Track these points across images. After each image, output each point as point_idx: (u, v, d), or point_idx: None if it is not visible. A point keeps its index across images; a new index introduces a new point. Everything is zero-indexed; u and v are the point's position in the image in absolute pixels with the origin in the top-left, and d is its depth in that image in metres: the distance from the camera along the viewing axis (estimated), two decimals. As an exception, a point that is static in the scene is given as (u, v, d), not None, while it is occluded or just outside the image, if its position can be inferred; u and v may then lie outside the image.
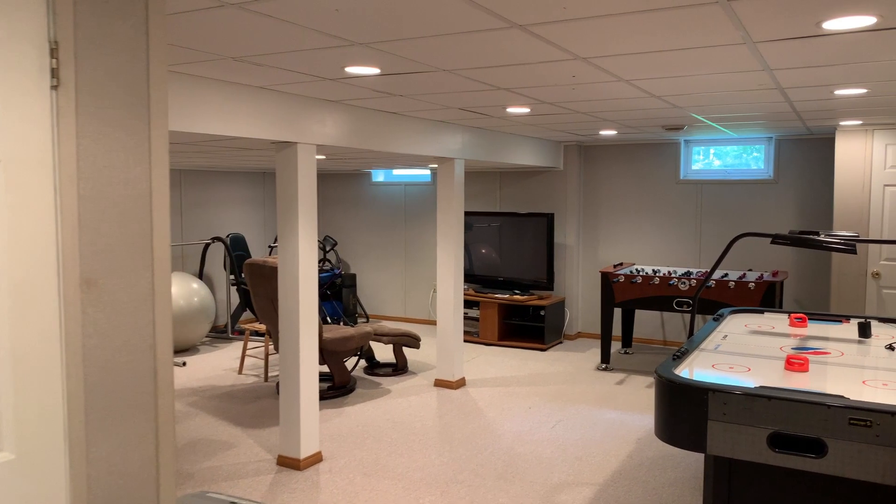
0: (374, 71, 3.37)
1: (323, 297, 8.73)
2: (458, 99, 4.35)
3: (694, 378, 3.10)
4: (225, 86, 3.69)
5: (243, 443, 4.80)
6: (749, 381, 3.14)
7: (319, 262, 8.87)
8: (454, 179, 5.98)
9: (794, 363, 3.32)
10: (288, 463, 4.40)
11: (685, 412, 2.98)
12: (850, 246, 3.35)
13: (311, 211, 4.32)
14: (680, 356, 3.44)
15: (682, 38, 2.68)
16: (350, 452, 4.62)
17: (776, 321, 4.62)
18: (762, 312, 4.90)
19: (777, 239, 3.47)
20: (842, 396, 2.80)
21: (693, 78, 3.58)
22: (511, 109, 4.87)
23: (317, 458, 4.47)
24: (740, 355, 3.66)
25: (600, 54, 2.98)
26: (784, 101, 4.49)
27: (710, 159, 7.50)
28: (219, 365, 6.90)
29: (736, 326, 4.43)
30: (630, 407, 5.57)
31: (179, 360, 6.99)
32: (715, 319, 4.51)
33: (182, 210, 8.15)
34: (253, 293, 5.77)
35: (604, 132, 6.61)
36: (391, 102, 4.49)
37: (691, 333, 4.08)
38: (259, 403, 5.67)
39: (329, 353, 5.69)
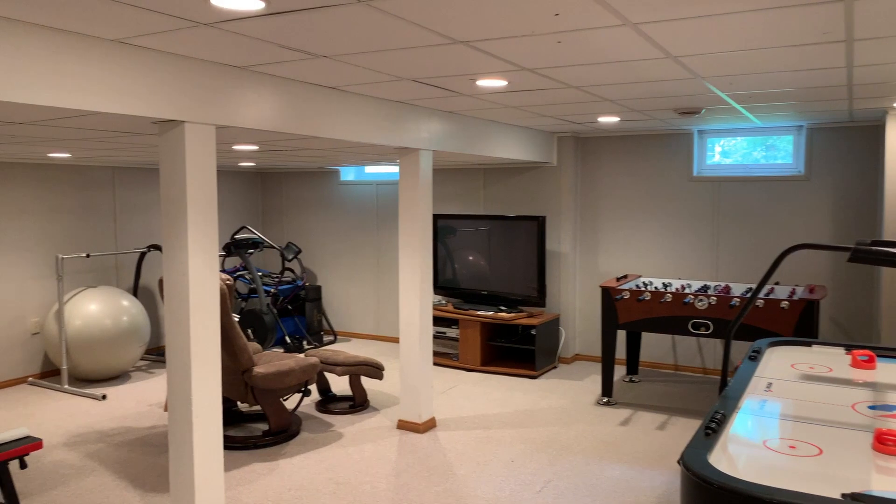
0: (257, 4, 2.27)
1: (283, 312, 7.62)
2: (405, 62, 3.24)
3: (741, 476, 1.98)
4: (58, 36, 2.58)
5: (134, 516, 3.69)
6: (824, 474, 2.01)
7: (280, 272, 7.75)
8: (419, 175, 4.87)
9: (890, 443, 2.20)
10: (180, 552, 3.29)
11: (732, 537, 1.85)
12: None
13: (208, 215, 3.20)
14: (715, 429, 2.32)
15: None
16: (270, 532, 3.51)
17: (831, 359, 3.49)
18: (809, 345, 3.77)
19: (858, 254, 2.34)
20: None
21: (731, 19, 2.48)
22: (483, 82, 3.77)
23: (221, 544, 3.36)
24: (800, 421, 2.53)
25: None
26: (843, 67, 3.38)
27: (732, 154, 6.39)
28: (146, 398, 5.78)
29: (780, 368, 3.31)
30: (638, 458, 4.45)
31: (98, 392, 5.87)
32: (751, 358, 3.38)
33: (116, 214, 7.04)
34: (171, 316, 4.65)
35: (603, 119, 5.50)
36: (321, 69, 3.38)
37: (724, 384, 2.96)
38: (176, 454, 4.54)
39: (262, 391, 4.57)
